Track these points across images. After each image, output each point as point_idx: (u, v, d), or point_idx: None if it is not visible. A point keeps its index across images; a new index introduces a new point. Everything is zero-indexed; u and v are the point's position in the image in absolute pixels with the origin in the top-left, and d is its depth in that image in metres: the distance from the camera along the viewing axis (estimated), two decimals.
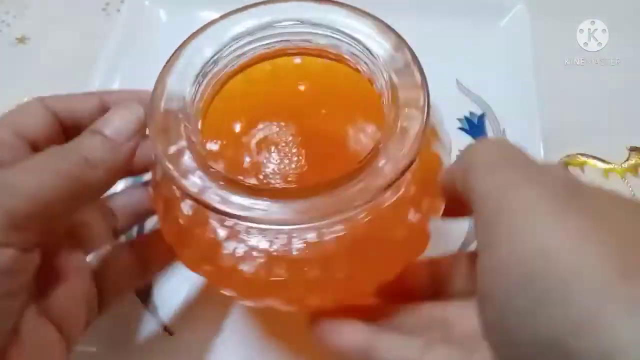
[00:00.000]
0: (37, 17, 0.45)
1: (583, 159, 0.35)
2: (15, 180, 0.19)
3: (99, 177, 0.21)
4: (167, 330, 0.29)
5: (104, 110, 0.24)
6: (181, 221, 0.22)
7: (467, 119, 0.36)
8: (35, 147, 0.22)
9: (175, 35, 0.24)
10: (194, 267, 0.22)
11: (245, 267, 0.21)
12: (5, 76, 0.41)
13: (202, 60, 0.23)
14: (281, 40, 0.25)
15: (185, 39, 0.23)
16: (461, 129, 0.35)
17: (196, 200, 0.19)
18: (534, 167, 0.18)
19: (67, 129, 0.24)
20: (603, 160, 0.35)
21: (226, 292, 0.22)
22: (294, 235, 0.20)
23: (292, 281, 0.21)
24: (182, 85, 0.22)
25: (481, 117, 0.36)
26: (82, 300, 0.23)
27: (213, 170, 0.20)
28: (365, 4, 0.24)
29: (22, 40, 0.43)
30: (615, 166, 0.35)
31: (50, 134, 0.23)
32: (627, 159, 0.35)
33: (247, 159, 0.23)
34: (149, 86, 0.23)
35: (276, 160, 0.23)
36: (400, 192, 0.21)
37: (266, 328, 0.29)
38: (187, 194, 0.20)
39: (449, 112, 0.36)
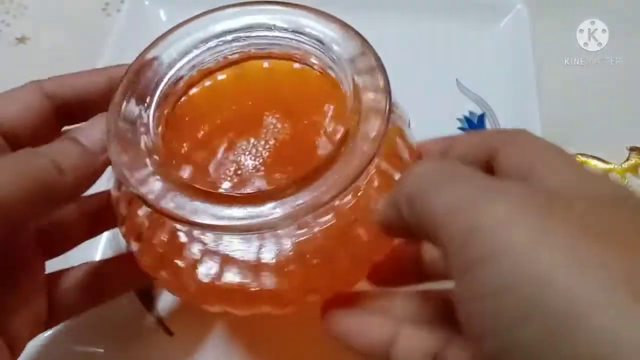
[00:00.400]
0: (37, 17, 0.45)
1: (583, 159, 0.35)
2: None
3: (66, 184, 0.20)
4: (167, 330, 0.29)
5: (112, 88, 0.23)
6: (156, 246, 0.21)
7: (467, 118, 0.36)
8: (17, 138, 0.22)
9: None
10: (176, 291, 0.23)
11: (226, 279, 0.21)
12: (5, 76, 0.41)
13: (162, 69, 0.23)
14: (245, 45, 0.24)
15: (145, 47, 0.24)
16: (461, 128, 0.35)
17: (167, 215, 0.19)
18: (495, 180, 0.16)
19: (72, 111, 0.23)
20: (603, 160, 0.35)
21: (210, 309, 0.23)
22: (268, 240, 0.20)
23: (277, 286, 0.21)
24: (142, 96, 0.22)
25: (481, 117, 0.36)
26: (32, 312, 0.22)
27: (182, 182, 0.20)
28: (366, 3, 0.24)
29: (22, 40, 0.43)
30: (615, 166, 0.35)
31: (38, 123, 0.22)
32: (627, 159, 0.35)
33: (213, 167, 0.23)
34: None
35: (242, 165, 0.23)
36: (363, 190, 0.21)
37: (267, 329, 0.29)
38: (159, 211, 0.19)
39: (449, 111, 0.36)
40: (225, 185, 0.22)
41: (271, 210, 0.19)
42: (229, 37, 0.24)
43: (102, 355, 0.29)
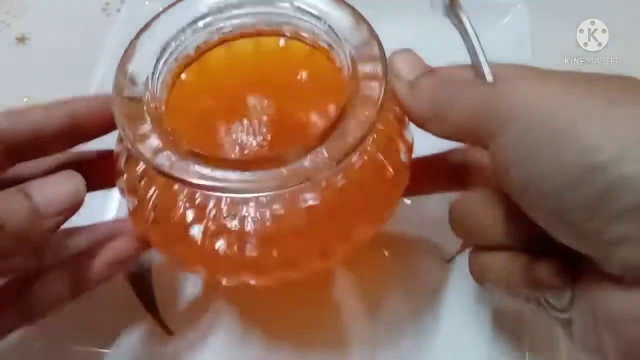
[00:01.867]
0: (37, 17, 0.45)
1: None
2: None
3: (6, 245, 0.19)
4: (167, 330, 0.29)
5: (71, 125, 0.22)
6: (151, 207, 0.22)
7: None
8: None
9: None
10: (165, 250, 0.23)
11: (220, 244, 0.21)
12: (5, 76, 0.41)
13: (162, 42, 0.23)
14: (242, 21, 0.25)
15: (147, 20, 0.24)
16: None
17: (164, 173, 0.19)
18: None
19: (24, 151, 0.22)
20: None
21: (194, 273, 0.23)
22: (268, 204, 0.21)
23: (266, 256, 0.21)
24: (145, 67, 0.22)
25: None
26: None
27: (183, 147, 0.20)
28: (365, 3, 0.24)
29: (22, 40, 0.43)
30: None
31: None
32: None
33: (213, 135, 0.23)
34: None
35: (242, 136, 0.23)
36: (367, 156, 0.22)
37: (266, 327, 0.29)
38: (156, 170, 0.19)
39: None
40: (233, 150, 0.23)
41: (251, 177, 0.19)
42: (228, 14, 0.24)
43: (102, 355, 0.29)
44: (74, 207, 0.21)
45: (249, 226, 0.21)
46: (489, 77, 0.21)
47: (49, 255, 0.25)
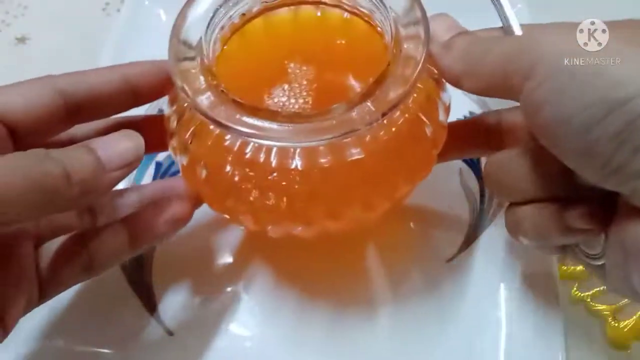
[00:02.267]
0: (37, 17, 0.45)
1: None
2: None
3: (71, 196, 0.19)
4: (167, 330, 0.29)
5: (127, 88, 0.23)
6: (202, 165, 0.23)
7: (467, 118, 0.36)
8: (21, 131, 0.22)
9: None
10: (216, 205, 0.24)
11: (269, 196, 0.22)
12: (5, 76, 0.41)
13: (210, 10, 0.24)
14: None
15: None
16: None
17: (220, 124, 0.21)
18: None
19: (83, 109, 0.23)
20: None
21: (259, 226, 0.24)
22: (315, 156, 0.22)
23: (323, 194, 0.22)
24: (196, 33, 0.23)
25: None
26: (22, 289, 0.22)
27: (236, 102, 0.21)
28: None
29: (22, 40, 0.43)
30: None
31: (46, 118, 0.22)
32: None
33: (259, 100, 0.24)
34: None
35: (286, 99, 0.24)
36: (408, 113, 0.23)
37: (300, 285, 0.30)
38: (213, 121, 0.21)
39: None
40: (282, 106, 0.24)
41: (303, 127, 0.20)
42: None
43: (102, 355, 0.29)
44: (134, 163, 0.21)
45: (297, 177, 0.22)
46: (518, 32, 0.22)
47: (105, 213, 0.26)
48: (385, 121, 0.21)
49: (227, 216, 0.25)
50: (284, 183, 0.22)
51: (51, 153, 0.19)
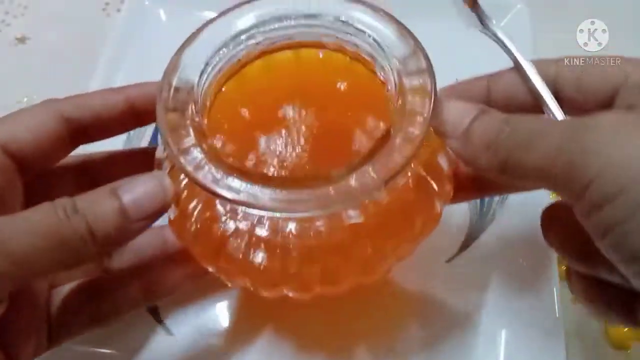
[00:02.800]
0: (37, 17, 0.45)
1: None
2: (3, 239, 0.17)
3: (93, 252, 0.19)
4: (167, 330, 0.29)
5: (131, 110, 0.23)
6: (194, 220, 0.22)
7: None
8: (26, 159, 0.21)
9: (175, 35, 0.24)
10: (207, 262, 0.23)
11: (261, 258, 0.21)
12: (5, 76, 0.41)
13: (206, 56, 0.23)
14: (286, 33, 0.25)
15: (192, 32, 0.23)
16: None
17: (206, 190, 0.19)
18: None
19: (87, 132, 0.23)
20: None
21: (241, 284, 0.23)
22: (311, 220, 0.20)
23: (306, 270, 0.21)
24: (188, 79, 0.22)
25: None
26: (33, 328, 0.22)
27: (225, 162, 0.20)
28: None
29: (22, 40, 0.43)
30: None
31: (51, 144, 0.22)
32: None
33: (254, 147, 0.23)
34: None
35: (282, 147, 0.23)
36: (411, 172, 0.21)
37: (269, 326, 0.29)
38: (198, 185, 0.19)
39: None
40: (275, 166, 0.22)
41: (297, 196, 0.19)
42: (274, 25, 0.24)
43: (102, 355, 0.28)
44: (161, 210, 0.20)
45: (291, 242, 0.20)
46: (558, 115, 0.20)
47: (120, 253, 0.26)
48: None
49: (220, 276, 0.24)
50: (277, 245, 0.21)
51: (75, 204, 0.18)
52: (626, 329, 0.29)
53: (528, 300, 0.29)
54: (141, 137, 0.35)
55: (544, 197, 0.30)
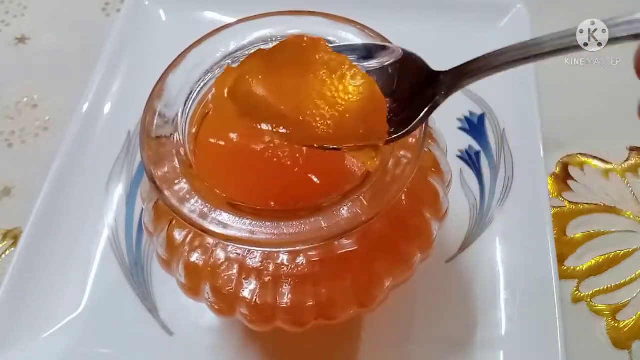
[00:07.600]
0: (37, 17, 0.45)
1: (583, 159, 0.35)
2: None
3: None
4: (167, 330, 0.29)
5: None
6: (181, 252, 0.21)
7: (467, 119, 0.36)
8: None
9: (174, 35, 0.24)
10: (199, 298, 0.22)
11: (254, 292, 0.20)
12: (5, 76, 0.41)
13: (191, 82, 0.22)
14: None
15: (177, 56, 0.23)
16: (461, 128, 0.35)
17: (193, 225, 0.18)
18: None
19: None
20: (603, 160, 0.35)
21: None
22: (304, 251, 0.20)
23: (299, 302, 0.20)
24: (173, 106, 0.21)
25: (481, 117, 0.36)
26: None
27: (212, 193, 0.19)
28: (367, 5, 0.24)
29: (22, 40, 0.43)
30: (615, 166, 0.35)
31: None
32: (627, 159, 0.35)
33: (242, 171, 0.22)
34: (149, 85, 0.23)
35: (274, 174, 0.22)
36: (404, 199, 0.21)
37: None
38: (185, 221, 0.18)
39: (449, 112, 0.36)
40: (267, 198, 0.21)
41: (299, 226, 0.18)
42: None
43: (102, 355, 0.29)
44: None
45: (284, 274, 0.20)
46: None
47: None
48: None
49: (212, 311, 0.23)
50: (269, 278, 0.20)
51: None
52: (626, 329, 0.29)
53: (528, 300, 0.29)
54: None
55: (542, 200, 0.30)
